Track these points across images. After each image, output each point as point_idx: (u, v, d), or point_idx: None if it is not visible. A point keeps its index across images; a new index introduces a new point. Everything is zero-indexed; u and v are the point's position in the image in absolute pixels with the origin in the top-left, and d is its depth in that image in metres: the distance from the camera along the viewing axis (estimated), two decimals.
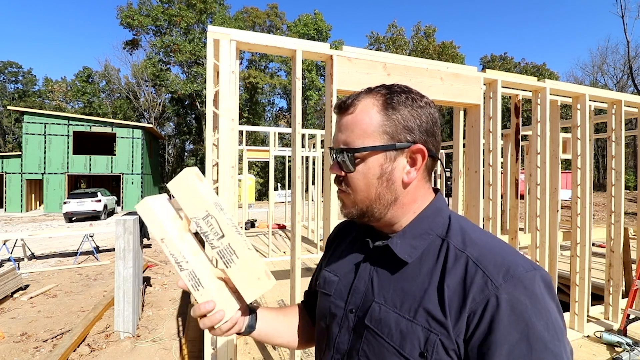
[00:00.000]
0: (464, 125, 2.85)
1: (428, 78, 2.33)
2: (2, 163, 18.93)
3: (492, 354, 0.47)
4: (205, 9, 28.57)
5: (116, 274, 3.60)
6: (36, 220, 15.99)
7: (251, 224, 10.11)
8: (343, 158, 0.61)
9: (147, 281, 5.57)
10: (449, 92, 2.40)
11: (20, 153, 19.09)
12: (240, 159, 11.34)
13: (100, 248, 8.21)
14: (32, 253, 7.71)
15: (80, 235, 8.62)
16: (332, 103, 2.08)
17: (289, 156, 10.03)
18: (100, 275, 6.24)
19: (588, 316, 3.31)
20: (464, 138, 2.83)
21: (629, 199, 16.20)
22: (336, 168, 0.63)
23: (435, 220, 0.62)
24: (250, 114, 31.01)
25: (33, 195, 20.46)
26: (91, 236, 7.65)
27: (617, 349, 2.82)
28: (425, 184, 0.64)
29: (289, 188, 13.32)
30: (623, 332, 2.94)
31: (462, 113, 2.97)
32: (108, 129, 20.36)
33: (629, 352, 2.67)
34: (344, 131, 0.61)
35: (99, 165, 20.16)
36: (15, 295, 5.04)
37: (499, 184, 2.71)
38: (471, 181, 2.67)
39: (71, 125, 19.53)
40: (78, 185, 25.65)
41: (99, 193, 15.58)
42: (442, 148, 9.01)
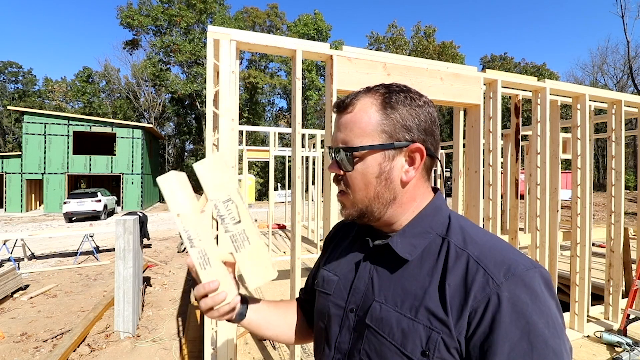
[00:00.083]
0: (464, 125, 2.85)
1: (428, 78, 2.33)
2: (2, 163, 18.91)
3: (494, 352, 0.47)
4: (205, 9, 28.56)
5: (116, 274, 3.60)
6: (36, 220, 15.99)
7: None
8: (342, 157, 0.61)
9: (147, 281, 5.57)
10: (449, 92, 2.40)
11: (20, 153, 19.07)
12: (240, 159, 11.33)
13: (100, 248, 8.21)
14: (32, 253, 7.71)
15: (80, 235, 8.62)
16: (332, 103, 2.08)
17: (289, 156, 10.03)
18: (100, 275, 6.24)
19: (588, 316, 3.31)
20: (464, 138, 2.83)
21: (629, 199, 16.20)
22: (335, 167, 0.63)
23: (435, 219, 0.62)
24: (250, 114, 31.00)
25: (33, 195, 20.45)
26: (91, 236, 7.65)
27: (617, 349, 2.82)
28: (424, 183, 0.64)
29: (289, 188, 13.31)
30: (623, 332, 2.95)
31: (462, 113, 2.97)
32: (108, 129, 20.34)
33: (629, 352, 2.67)
34: (343, 130, 0.61)
35: (99, 165, 20.15)
36: (15, 295, 5.04)
37: (499, 184, 2.71)
38: (471, 181, 2.67)
39: (71, 125, 19.51)
40: (78, 185, 25.65)
41: (99, 193, 15.58)
42: (442, 148, 9.00)
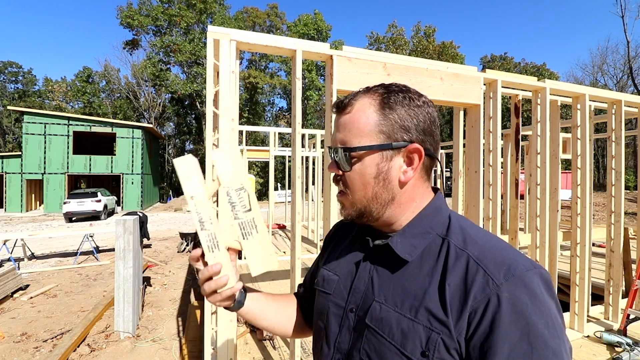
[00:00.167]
0: (464, 125, 2.85)
1: (428, 78, 2.33)
2: (2, 163, 18.92)
3: (494, 353, 0.47)
4: (205, 9, 28.55)
5: (116, 274, 3.60)
6: (36, 220, 15.99)
7: None
8: (340, 157, 0.61)
9: (147, 281, 5.57)
10: (449, 92, 2.40)
11: (20, 153, 19.07)
12: None
13: (100, 248, 8.21)
14: (32, 253, 7.71)
15: (80, 235, 8.62)
16: (332, 103, 2.08)
17: (289, 156, 10.03)
18: (100, 275, 6.24)
19: (588, 316, 3.31)
20: (464, 138, 2.83)
21: (629, 199, 16.20)
22: (334, 167, 0.64)
23: (435, 219, 0.62)
24: (250, 114, 30.99)
25: (33, 195, 20.46)
26: (91, 236, 7.65)
27: (617, 349, 2.82)
28: (423, 183, 0.64)
29: (289, 188, 13.31)
30: (623, 332, 2.95)
31: (462, 113, 2.97)
32: (108, 129, 20.34)
33: (629, 352, 2.67)
34: (342, 130, 0.62)
35: (99, 165, 20.15)
36: (15, 295, 5.04)
37: (499, 184, 2.71)
38: (471, 181, 2.67)
39: (71, 125, 19.51)
40: (78, 185, 25.65)
41: (99, 193, 15.59)
42: (442, 148, 9.00)
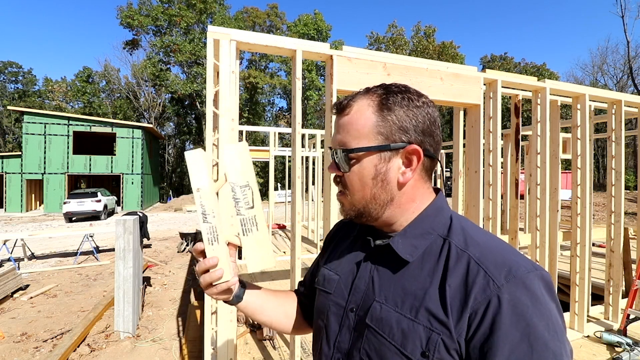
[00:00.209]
0: (464, 125, 2.85)
1: (428, 78, 2.33)
2: (2, 163, 18.92)
3: (494, 354, 0.47)
4: (205, 9, 28.55)
5: (116, 274, 3.60)
6: (36, 220, 15.99)
7: None
8: (339, 158, 0.62)
9: (147, 281, 5.57)
10: (449, 92, 2.40)
11: (20, 153, 19.07)
12: None
13: (100, 248, 8.21)
14: (32, 253, 7.71)
15: (80, 235, 8.62)
16: (332, 103, 2.08)
17: (289, 156, 10.03)
18: (100, 275, 6.24)
19: (588, 316, 3.31)
20: (464, 138, 2.83)
21: (629, 199, 16.19)
22: (334, 168, 0.64)
23: (436, 219, 0.62)
24: (250, 114, 30.98)
25: (33, 195, 20.46)
26: (91, 236, 7.65)
27: (617, 349, 2.82)
28: (424, 184, 0.64)
29: (289, 188, 13.31)
30: (623, 332, 2.95)
31: (462, 113, 2.97)
32: (108, 129, 20.34)
33: (629, 352, 2.67)
34: (341, 132, 0.62)
35: (99, 165, 20.15)
36: (15, 295, 5.04)
37: (499, 184, 2.71)
38: (471, 181, 2.67)
39: (71, 125, 19.51)
40: (78, 185, 25.64)
41: (99, 193, 15.58)
42: (442, 148, 8.98)
